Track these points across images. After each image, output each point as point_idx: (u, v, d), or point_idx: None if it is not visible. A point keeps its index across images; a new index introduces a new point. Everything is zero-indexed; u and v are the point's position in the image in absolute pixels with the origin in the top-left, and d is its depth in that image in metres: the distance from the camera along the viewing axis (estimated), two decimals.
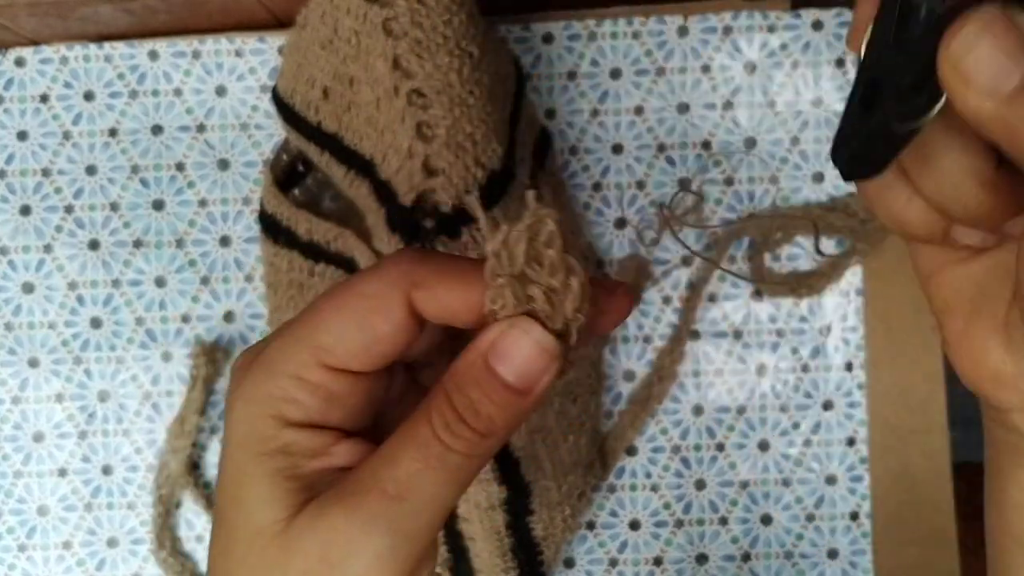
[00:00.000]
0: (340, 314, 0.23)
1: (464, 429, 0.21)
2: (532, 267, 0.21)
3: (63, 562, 0.55)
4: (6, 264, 0.55)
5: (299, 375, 0.23)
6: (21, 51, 0.55)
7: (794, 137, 0.55)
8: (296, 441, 0.22)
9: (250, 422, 0.23)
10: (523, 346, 0.21)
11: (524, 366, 0.21)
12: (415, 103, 0.41)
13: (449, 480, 0.22)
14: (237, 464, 0.23)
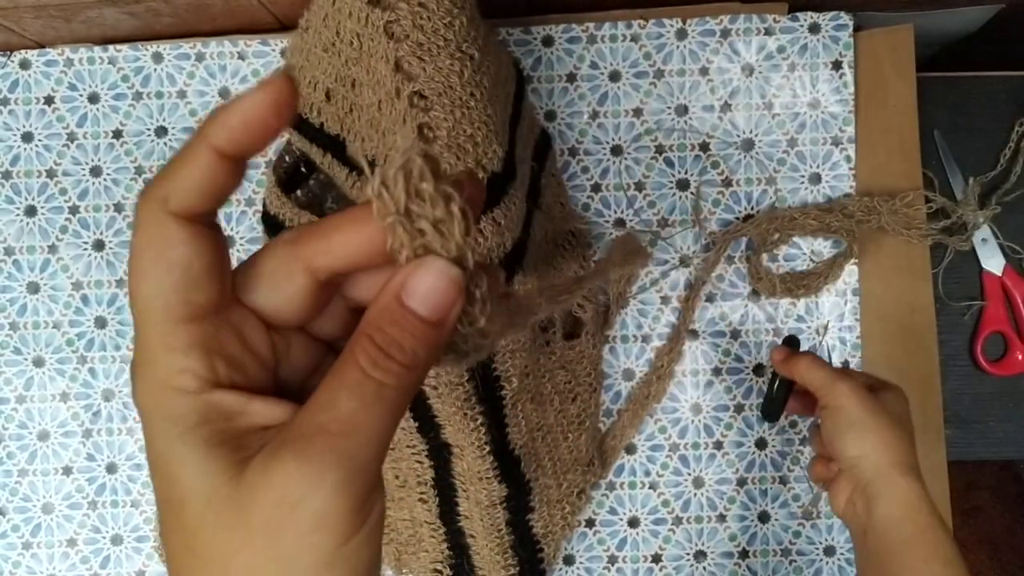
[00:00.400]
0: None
1: (392, 363, 0.23)
2: (415, 203, 0.23)
3: (68, 559, 0.55)
4: (11, 264, 0.55)
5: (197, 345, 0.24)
6: (26, 53, 0.55)
7: (791, 139, 0.55)
8: (210, 408, 0.23)
9: (159, 406, 0.23)
10: (429, 280, 0.23)
11: (434, 298, 0.23)
12: (417, 105, 0.41)
13: (386, 412, 0.23)
14: (162, 447, 0.24)
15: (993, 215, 0.56)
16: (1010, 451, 0.58)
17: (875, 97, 0.55)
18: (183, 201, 0.23)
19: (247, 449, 0.23)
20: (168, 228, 0.23)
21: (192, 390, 0.23)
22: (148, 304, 0.23)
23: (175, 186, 0.23)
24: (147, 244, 0.23)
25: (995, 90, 0.58)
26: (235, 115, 0.23)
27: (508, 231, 0.44)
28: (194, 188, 0.23)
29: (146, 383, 0.24)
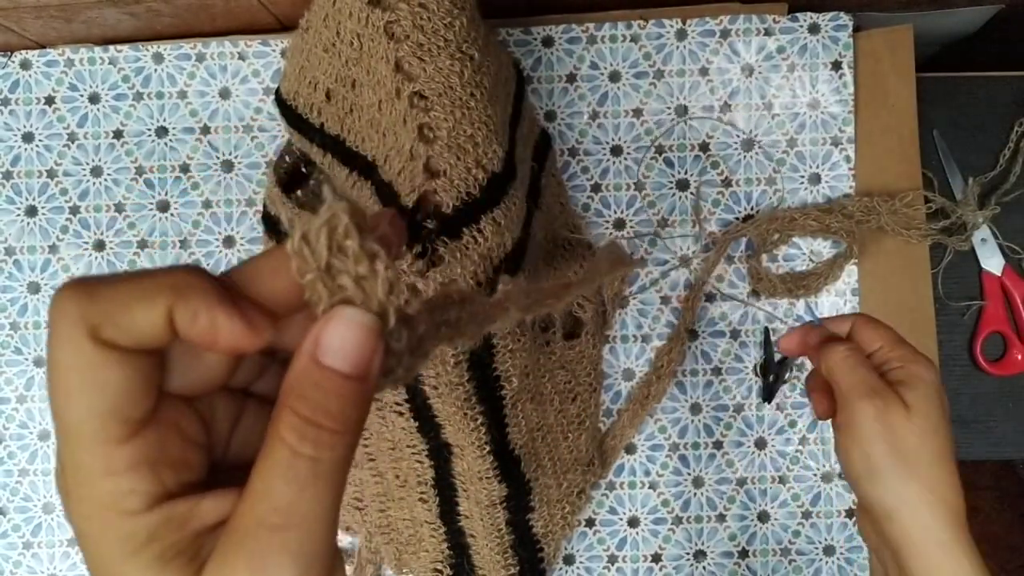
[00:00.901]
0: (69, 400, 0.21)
1: (322, 433, 0.21)
2: (338, 258, 0.21)
3: (68, 559, 0.55)
4: (12, 264, 0.55)
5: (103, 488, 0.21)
6: (27, 54, 0.55)
7: (791, 139, 0.55)
8: (159, 522, 0.21)
9: (104, 531, 0.21)
10: (343, 332, 0.21)
11: (352, 351, 0.21)
12: (417, 105, 0.41)
13: (327, 489, 0.21)
14: (111, 573, 0.22)
15: (992, 215, 0.56)
16: (1010, 451, 0.58)
17: (875, 97, 0.56)
18: (120, 339, 0.20)
19: (201, 555, 0.21)
20: (98, 353, 0.20)
21: (140, 510, 0.21)
22: (79, 428, 0.21)
23: (114, 319, 0.20)
24: (71, 364, 0.20)
25: (995, 90, 0.58)
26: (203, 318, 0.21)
27: (508, 231, 0.44)
28: (137, 334, 0.21)
29: (85, 506, 0.21)
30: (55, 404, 0.21)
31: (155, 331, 0.21)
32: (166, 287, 0.21)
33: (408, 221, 0.42)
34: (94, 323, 0.20)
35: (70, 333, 0.20)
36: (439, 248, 0.42)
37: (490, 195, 0.42)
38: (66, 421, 0.21)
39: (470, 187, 0.42)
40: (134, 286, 0.21)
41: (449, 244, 0.42)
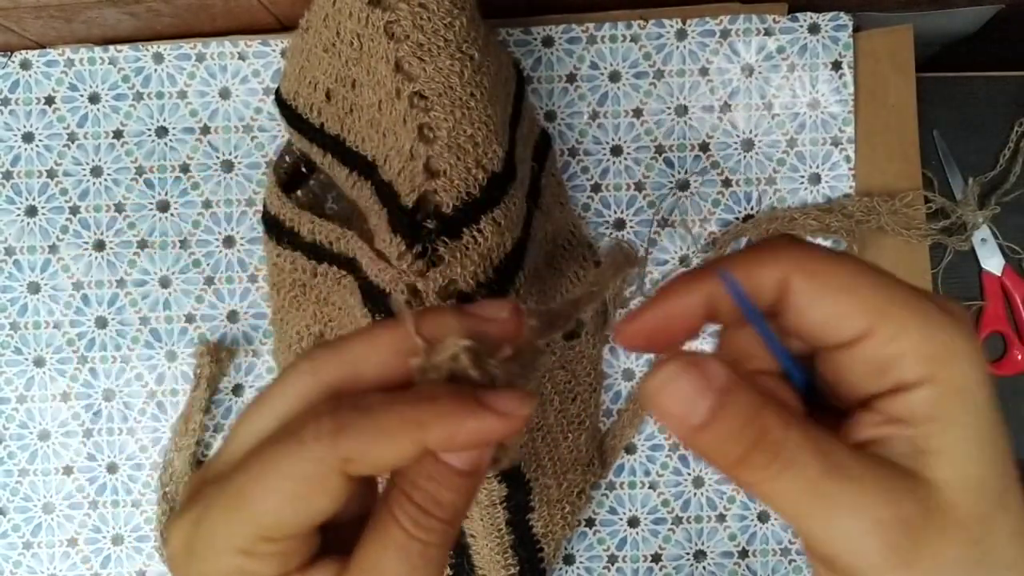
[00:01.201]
0: (273, 498, 0.22)
1: (432, 521, 0.23)
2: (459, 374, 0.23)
3: (68, 559, 0.55)
4: (12, 264, 0.55)
5: (247, 551, 0.23)
6: (27, 54, 0.55)
7: (791, 139, 0.55)
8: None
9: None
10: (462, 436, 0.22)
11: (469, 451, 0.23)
12: (417, 105, 0.42)
13: (432, 568, 0.23)
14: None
15: (992, 215, 0.56)
16: None
17: (875, 97, 0.56)
18: (363, 471, 0.22)
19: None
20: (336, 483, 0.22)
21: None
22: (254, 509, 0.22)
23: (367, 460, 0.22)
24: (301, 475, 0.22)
25: (995, 90, 0.58)
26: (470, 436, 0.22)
27: (508, 231, 0.44)
28: (382, 467, 0.22)
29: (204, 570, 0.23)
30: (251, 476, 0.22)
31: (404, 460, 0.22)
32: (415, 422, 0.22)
33: (408, 221, 0.42)
34: (347, 457, 0.22)
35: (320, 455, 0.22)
36: (439, 248, 0.42)
37: (490, 195, 0.43)
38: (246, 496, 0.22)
39: (470, 187, 0.42)
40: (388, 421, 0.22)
41: (449, 244, 0.42)
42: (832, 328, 0.22)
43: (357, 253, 0.47)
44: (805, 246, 0.23)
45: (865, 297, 0.22)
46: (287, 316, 0.53)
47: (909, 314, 0.21)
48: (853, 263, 0.22)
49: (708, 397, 0.22)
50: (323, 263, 0.50)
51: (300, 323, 0.52)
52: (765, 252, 0.23)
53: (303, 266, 0.51)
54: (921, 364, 0.21)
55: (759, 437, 0.21)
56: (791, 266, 0.23)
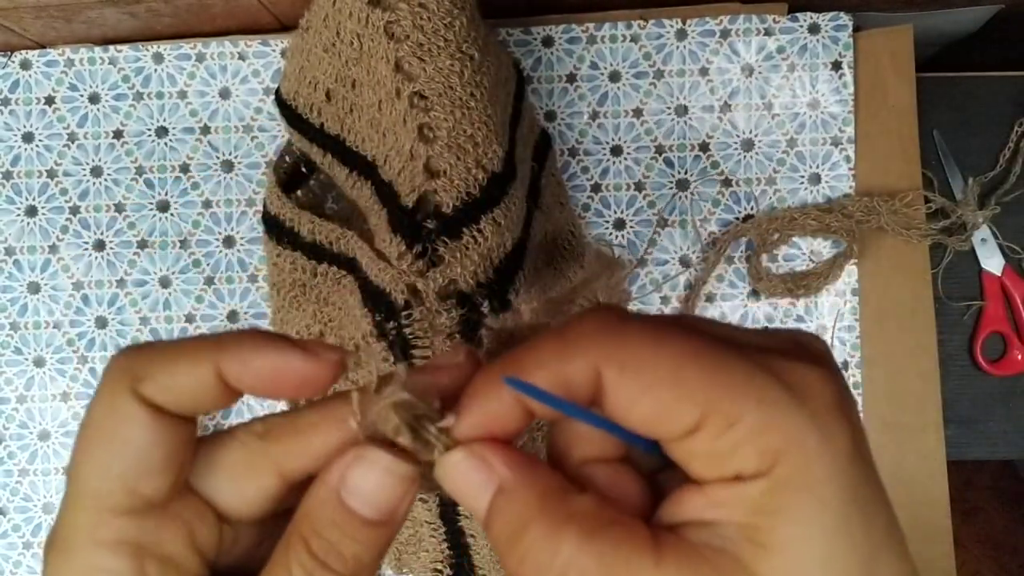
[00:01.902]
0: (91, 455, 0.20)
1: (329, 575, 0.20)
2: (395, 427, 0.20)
3: None
4: (12, 264, 0.55)
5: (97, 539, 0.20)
6: (27, 54, 0.55)
7: (791, 139, 0.55)
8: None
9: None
10: (376, 479, 0.20)
11: (382, 497, 0.20)
12: (417, 105, 0.42)
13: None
14: None
15: (992, 215, 0.56)
16: (1009, 451, 0.58)
17: (875, 97, 0.56)
18: (160, 396, 0.20)
19: None
20: (133, 409, 0.20)
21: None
22: (86, 485, 0.20)
23: (158, 378, 0.20)
24: (103, 418, 0.20)
25: (995, 90, 0.58)
26: (266, 363, 0.20)
27: (508, 231, 0.44)
28: (179, 391, 0.20)
29: (60, 570, 0.20)
30: (74, 461, 0.20)
31: (201, 388, 0.20)
32: (211, 343, 0.20)
33: (408, 221, 0.42)
34: (137, 375, 0.20)
35: (112, 387, 0.20)
36: (439, 248, 0.42)
37: (490, 195, 0.43)
38: (77, 477, 0.20)
39: (470, 187, 0.42)
40: (181, 345, 0.20)
41: (449, 244, 0.42)
42: (655, 424, 0.19)
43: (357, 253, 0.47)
44: (616, 331, 0.20)
45: (690, 388, 0.19)
46: (287, 316, 0.53)
47: (742, 403, 0.18)
48: (674, 344, 0.19)
49: (486, 494, 0.20)
50: (323, 263, 0.50)
51: (300, 323, 0.52)
52: (570, 342, 0.20)
53: (303, 266, 0.51)
54: (756, 457, 0.18)
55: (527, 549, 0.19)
56: (600, 358, 0.19)
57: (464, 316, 0.42)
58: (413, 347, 0.43)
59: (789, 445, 0.18)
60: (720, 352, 0.19)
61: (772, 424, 0.18)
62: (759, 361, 0.19)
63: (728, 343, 0.19)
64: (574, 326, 0.20)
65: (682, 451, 0.19)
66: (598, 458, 0.22)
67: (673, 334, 0.19)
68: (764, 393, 0.19)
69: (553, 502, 0.19)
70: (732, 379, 0.19)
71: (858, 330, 0.55)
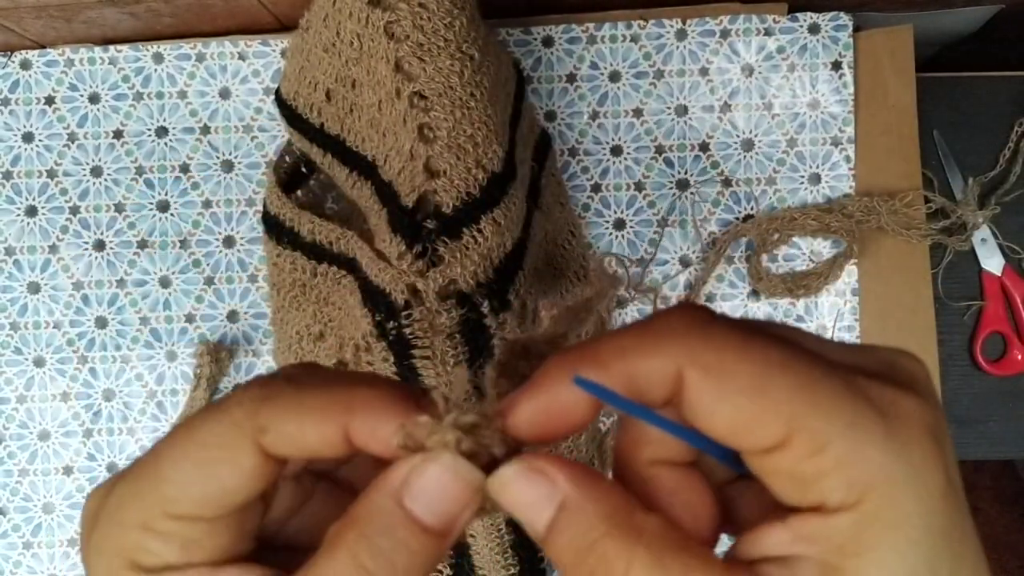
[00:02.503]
0: (181, 465, 0.20)
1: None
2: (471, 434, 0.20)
3: (68, 559, 0.55)
4: (12, 264, 0.55)
5: (146, 525, 0.20)
6: (27, 54, 0.55)
7: (791, 139, 0.55)
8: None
9: (109, 574, 0.20)
10: (444, 484, 0.19)
11: (446, 506, 0.19)
12: (417, 105, 0.42)
13: None
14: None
15: (992, 215, 0.56)
16: (1009, 451, 0.58)
17: (875, 97, 0.56)
18: (281, 449, 0.20)
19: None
20: (247, 457, 0.20)
21: (153, 568, 0.20)
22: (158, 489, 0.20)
23: (283, 432, 0.19)
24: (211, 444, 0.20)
25: (995, 90, 0.58)
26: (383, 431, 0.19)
27: (508, 231, 0.44)
28: (301, 447, 0.20)
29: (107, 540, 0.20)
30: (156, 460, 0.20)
31: (325, 448, 0.20)
32: (342, 403, 0.20)
33: (408, 221, 0.42)
34: (263, 426, 0.19)
35: (233, 427, 0.20)
36: (439, 248, 0.42)
37: (490, 195, 0.43)
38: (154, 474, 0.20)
39: (470, 187, 0.42)
40: (312, 400, 0.20)
41: (449, 244, 0.42)
42: (737, 434, 0.18)
43: (357, 253, 0.47)
44: (703, 330, 0.18)
45: (776, 401, 0.17)
46: (287, 316, 0.53)
47: (831, 426, 0.17)
48: (764, 350, 0.18)
49: (547, 509, 0.19)
50: (323, 263, 0.50)
51: (300, 323, 0.52)
52: (653, 336, 0.19)
53: (303, 266, 0.51)
54: (843, 489, 0.17)
55: (596, 566, 0.18)
56: (684, 357, 0.18)
57: (464, 316, 0.42)
58: (413, 347, 0.43)
59: (879, 479, 0.17)
60: (810, 366, 0.18)
61: (862, 454, 0.17)
62: (850, 381, 0.18)
63: (818, 357, 0.18)
64: (660, 320, 0.19)
65: (764, 466, 0.18)
66: (667, 460, 0.21)
67: (762, 340, 0.18)
68: (855, 418, 0.17)
69: (621, 520, 0.19)
70: (822, 397, 0.17)
71: (858, 330, 0.55)
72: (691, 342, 0.18)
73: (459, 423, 0.19)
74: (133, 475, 0.21)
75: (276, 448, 0.20)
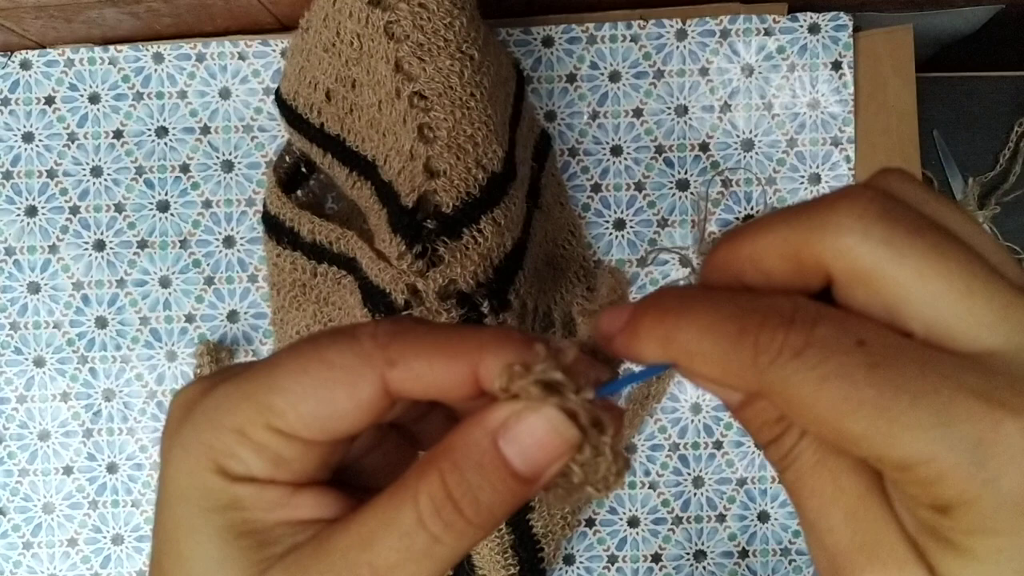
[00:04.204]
0: (299, 379, 0.20)
1: (457, 518, 0.19)
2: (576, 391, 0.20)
3: (68, 559, 0.55)
4: (12, 264, 0.55)
5: (243, 431, 0.20)
6: (27, 54, 0.55)
7: (791, 139, 0.55)
8: (248, 495, 0.20)
9: (190, 473, 0.20)
10: (540, 432, 0.19)
11: (538, 453, 0.19)
12: (417, 105, 0.42)
13: (432, 570, 0.19)
14: (179, 518, 0.20)
15: (992, 215, 0.56)
16: None
17: (875, 97, 0.56)
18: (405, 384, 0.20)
19: (274, 545, 0.20)
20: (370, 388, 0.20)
21: (236, 477, 0.20)
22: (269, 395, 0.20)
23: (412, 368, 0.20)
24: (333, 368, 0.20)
25: (995, 90, 0.58)
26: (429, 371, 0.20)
27: (508, 231, 0.44)
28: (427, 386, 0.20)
29: (196, 437, 0.20)
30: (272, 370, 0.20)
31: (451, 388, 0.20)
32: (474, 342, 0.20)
33: (408, 221, 0.42)
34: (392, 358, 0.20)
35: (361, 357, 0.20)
36: (439, 248, 0.42)
37: (490, 195, 0.43)
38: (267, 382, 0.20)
39: (470, 187, 0.42)
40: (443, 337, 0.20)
41: (449, 244, 0.42)
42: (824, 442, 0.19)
43: (357, 253, 0.47)
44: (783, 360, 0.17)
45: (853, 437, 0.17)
46: (287, 316, 0.53)
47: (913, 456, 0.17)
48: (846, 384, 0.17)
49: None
50: (323, 263, 0.50)
51: (300, 323, 0.52)
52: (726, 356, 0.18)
53: (303, 266, 0.51)
54: (928, 500, 0.17)
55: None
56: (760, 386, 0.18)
57: (464, 316, 0.42)
58: None
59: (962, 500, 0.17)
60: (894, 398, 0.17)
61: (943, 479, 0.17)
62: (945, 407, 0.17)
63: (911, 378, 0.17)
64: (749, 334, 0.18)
65: None
66: None
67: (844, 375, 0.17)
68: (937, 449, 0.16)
69: None
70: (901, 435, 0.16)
71: None
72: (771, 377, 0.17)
73: (565, 376, 0.19)
74: (242, 378, 0.20)
75: (400, 383, 0.20)
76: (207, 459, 0.20)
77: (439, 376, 0.20)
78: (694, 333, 0.18)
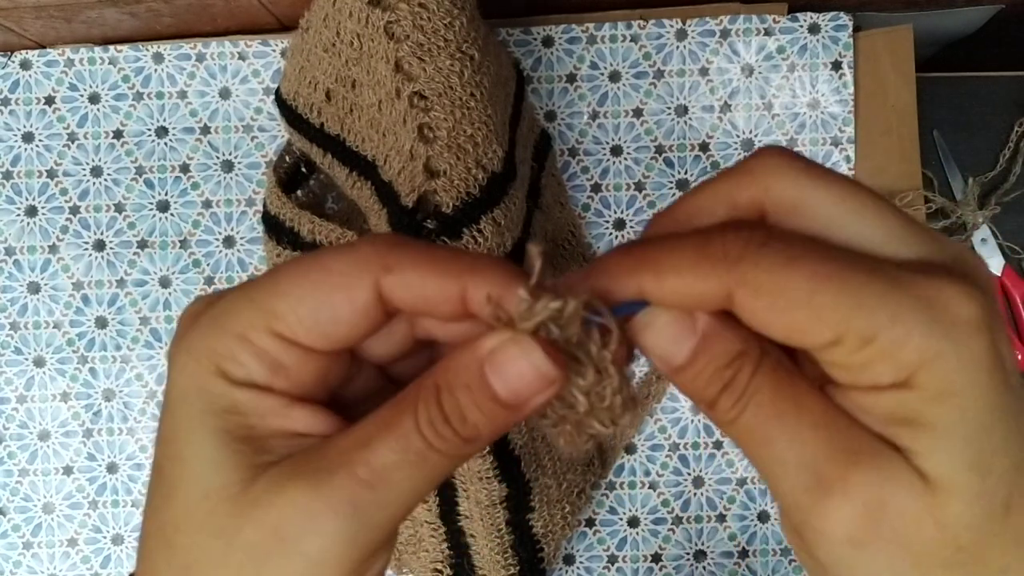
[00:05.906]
0: (300, 283, 0.21)
1: (448, 431, 0.20)
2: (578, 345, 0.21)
3: (68, 559, 0.55)
4: (12, 264, 0.55)
5: (245, 335, 0.21)
6: (27, 54, 0.55)
7: (791, 139, 0.55)
8: (246, 400, 0.21)
9: (193, 375, 0.21)
10: (521, 367, 0.20)
11: (518, 385, 0.20)
12: (417, 105, 0.42)
13: (424, 477, 0.21)
14: (179, 420, 0.21)
15: (992, 215, 0.56)
16: None
17: (875, 97, 0.56)
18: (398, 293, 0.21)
19: (269, 453, 0.21)
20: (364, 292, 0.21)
21: (237, 382, 0.21)
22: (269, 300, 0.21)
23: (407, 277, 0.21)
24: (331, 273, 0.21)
25: (995, 90, 0.58)
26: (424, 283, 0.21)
27: (508, 231, 0.44)
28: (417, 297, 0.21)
29: (200, 341, 0.21)
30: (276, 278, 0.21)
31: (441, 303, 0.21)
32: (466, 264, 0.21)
33: (408, 221, 0.42)
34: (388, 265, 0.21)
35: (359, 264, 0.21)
36: None
37: (490, 195, 0.43)
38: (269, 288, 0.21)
39: (470, 187, 0.42)
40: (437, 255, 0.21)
41: (449, 244, 0.42)
42: (793, 339, 0.20)
43: None
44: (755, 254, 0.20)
45: (823, 311, 0.19)
46: None
47: (875, 322, 0.19)
48: (808, 266, 0.19)
49: (690, 340, 0.21)
50: None
51: None
52: (708, 259, 0.20)
53: None
54: (891, 372, 0.19)
55: (729, 381, 0.21)
56: (734, 282, 0.20)
57: None
58: None
59: (923, 360, 0.19)
60: (854, 272, 0.19)
61: (906, 341, 0.19)
62: (894, 278, 0.19)
63: (864, 261, 0.20)
64: (715, 242, 0.20)
65: (822, 358, 0.20)
66: None
67: (809, 255, 0.20)
68: (897, 310, 0.19)
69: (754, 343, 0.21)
70: (865, 299, 0.19)
71: None
72: (743, 267, 0.20)
73: (551, 310, 0.20)
74: (248, 286, 0.22)
75: (394, 292, 0.21)
76: (209, 362, 0.21)
77: (431, 289, 0.21)
78: (665, 251, 0.21)
